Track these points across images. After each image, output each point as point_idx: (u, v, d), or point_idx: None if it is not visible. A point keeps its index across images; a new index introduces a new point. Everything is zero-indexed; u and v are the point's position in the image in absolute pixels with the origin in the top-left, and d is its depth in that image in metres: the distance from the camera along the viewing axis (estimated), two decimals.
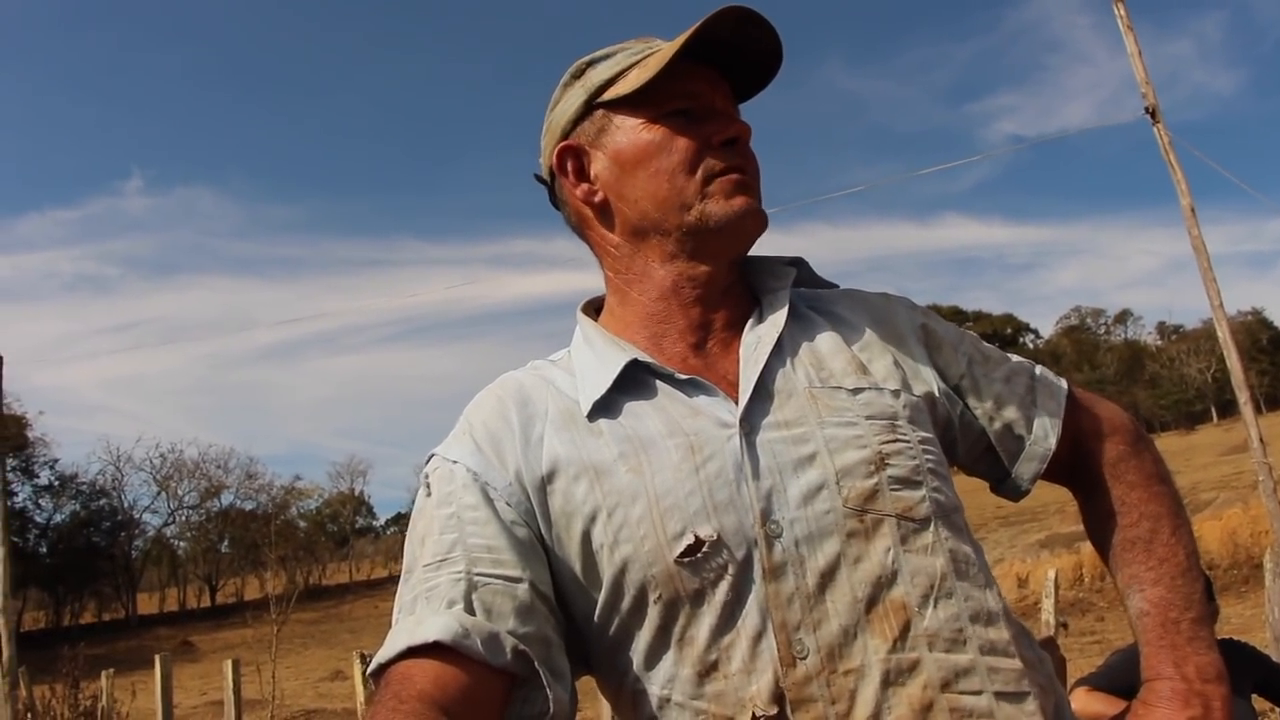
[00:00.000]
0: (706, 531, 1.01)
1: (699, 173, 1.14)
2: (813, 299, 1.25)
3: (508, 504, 1.06)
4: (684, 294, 1.16)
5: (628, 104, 1.17)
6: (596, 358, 1.15)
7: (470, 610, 0.98)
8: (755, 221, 1.16)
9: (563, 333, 1.26)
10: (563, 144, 1.21)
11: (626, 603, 1.04)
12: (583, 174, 1.20)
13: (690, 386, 1.11)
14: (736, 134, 1.16)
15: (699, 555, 1.01)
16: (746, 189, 1.15)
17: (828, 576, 1.00)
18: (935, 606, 1.01)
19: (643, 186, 1.16)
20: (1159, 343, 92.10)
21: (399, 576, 1.08)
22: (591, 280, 1.26)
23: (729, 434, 1.06)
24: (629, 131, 1.17)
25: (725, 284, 1.18)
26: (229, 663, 10.30)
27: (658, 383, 1.12)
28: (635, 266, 1.19)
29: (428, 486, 1.11)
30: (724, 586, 1.01)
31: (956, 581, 1.03)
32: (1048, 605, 9.89)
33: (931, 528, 1.05)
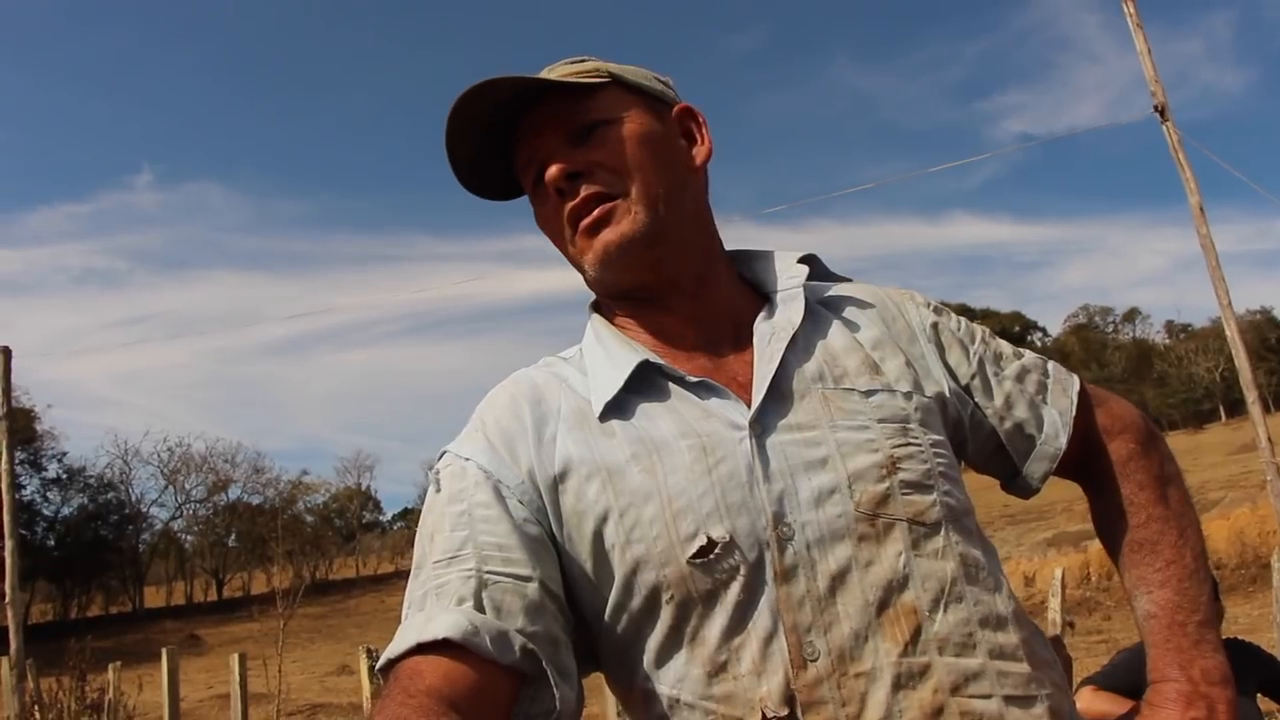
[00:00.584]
0: (719, 533, 1.01)
1: (565, 235, 1.16)
2: (825, 294, 1.25)
3: (520, 502, 1.06)
4: (655, 307, 1.18)
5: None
6: (608, 357, 1.15)
7: (480, 608, 0.98)
8: (620, 246, 1.12)
9: (572, 329, 1.27)
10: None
11: (638, 602, 1.04)
12: None
13: (702, 388, 1.10)
14: (550, 186, 1.13)
15: (711, 556, 1.01)
16: (595, 228, 1.13)
17: (839, 580, 1.00)
18: (946, 611, 1.01)
19: (567, 258, 1.21)
20: (1167, 341, 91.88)
21: (405, 572, 1.09)
22: None
23: (740, 436, 1.06)
24: (537, 222, 1.21)
25: (691, 277, 1.17)
26: (235, 656, 10.31)
27: (670, 384, 1.12)
28: (612, 305, 1.23)
29: (438, 483, 1.11)
30: (736, 587, 1.01)
31: (967, 586, 1.03)
32: (1054, 604, 9.88)
33: (942, 532, 1.05)
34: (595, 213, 1.12)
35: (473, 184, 1.20)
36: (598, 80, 1.16)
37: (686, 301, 1.17)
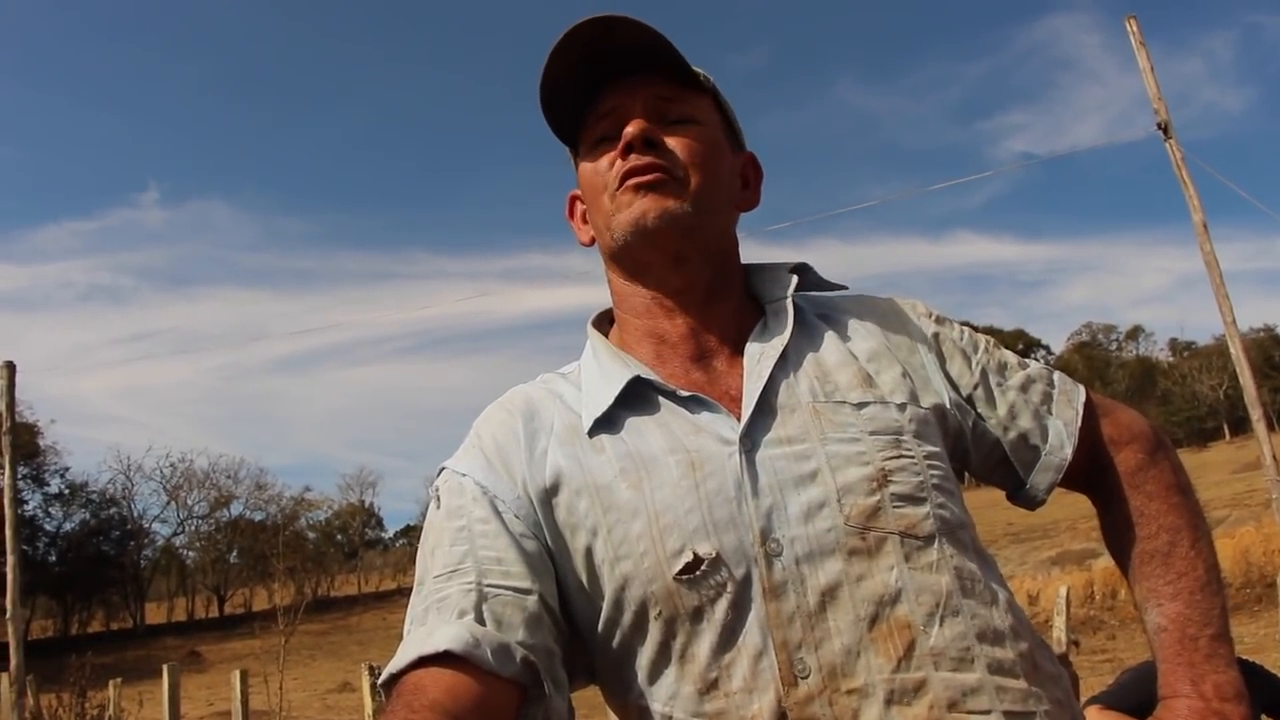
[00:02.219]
0: (706, 549, 1.01)
1: (607, 190, 1.16)
2: (822, 305, 1.24)
3: (516, 516, 1.07)
4: (661, 308, 1.17)
5: (580, 141, 1.22)
6: (601, 373, 1.16)
7: (481, 620, 0.99)
8: (659, 217, 1.12)
9: (574, 347, 1.27)
10: (572, 193, 1.28)
11: (628, 618, 1.04)
12: (585, 215, 1.25)
13: (693, 403, 1.10)
14: (627, 139, 1.14)
15: (698, 573, 1.01)
16: (645, 188, 1.13)
17: (829, 595, 0.99)
18: (941, 625, 1.00)
19: (592, 217, 1.21)
20: (1171, 359, 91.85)
21: (408, 589, 1.09)
22: (602, 295, 1.28)
23: (729, 451, 1.05)
24: (580, 172, 1.23)
25: (701, 289, 1.17)
26: (236, 673, 10.29)
27: (661, 399, 1.12)
28: (617, 288, 1.22)
29: (438, 499, 1.12)
30: (723, 604, 1.00)
31: (963, 599, 1.02)
32: (1059, 622, 9.85)
33: (936, 544, 1.04)
34: (652, 176, 1.13)
35: (549, 106, 1.19)
36: (707, 85, 1.20)
37: (691, 310, 1.17)
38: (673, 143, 1.15)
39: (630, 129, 1.14)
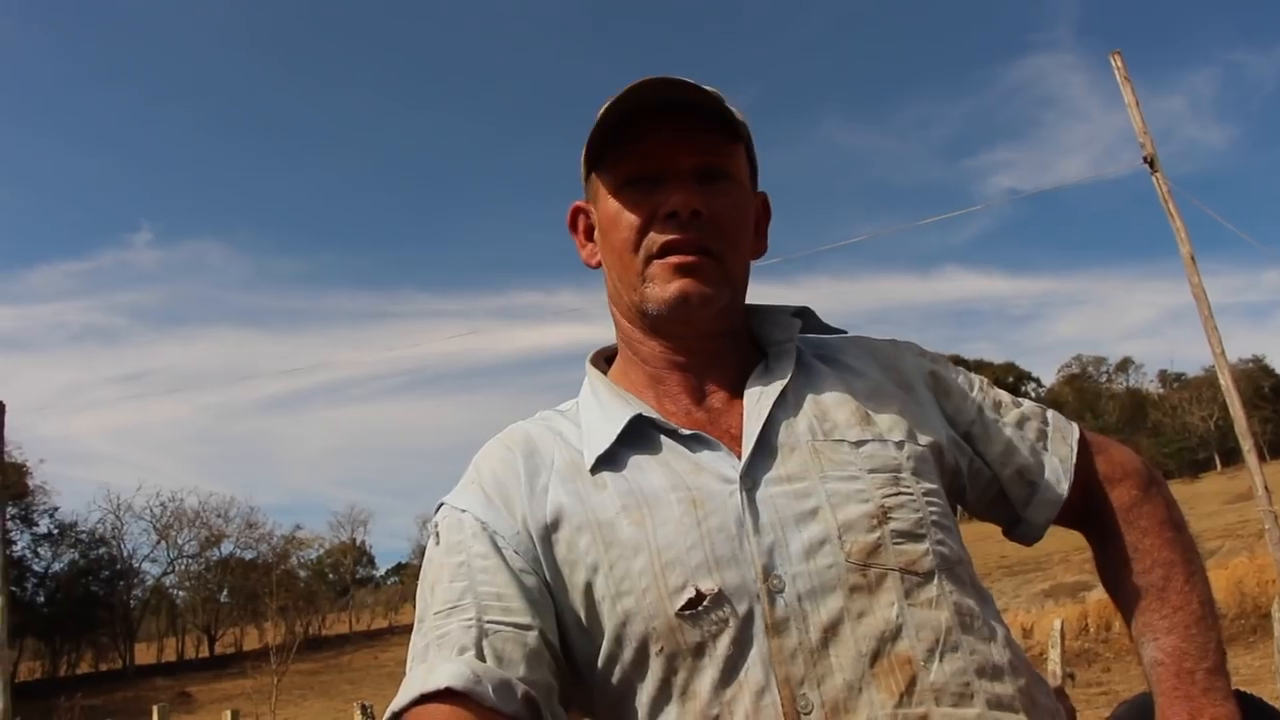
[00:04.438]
0: (708, 585, 1.01)
1: (640, 252, 1.15)
2: (820, 347, 1.25)
3: (516, 552, 1.07)
4: (671, 360, 1.18)
5: (604, 168, 1.19)
6: (602, 411, 1.16)
7: (481, 656, 0.99)
8: (700, 303, 1.13)
9: (566, 385, 1.28)
10: (575, 204, 1.26)
11: (628, 654, 1.04)
12: (590, 233, 1.24)
13: (694, 441, 1.11)
14: (675, 209, 1.12)
15: (700, 609, 1.01)
16: (687, 271, 1.13)
17: (831, 631, 1.00)
18: (941, 660, 1.00)
19: (610, 258, 1.20)
20: (1161, 391, 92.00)
21: (400, 627, 1.09)
22: (594, 333, 1.28)
23: (731, 489, 1.06)
24: (602, 200, 1.20)
25: (712, 349, 1.18)
26: (228, 713, 10.20)
27: (662, 437, 1.12)
28: (625, 328, 1.22)
29: (437, 535, 1.12)
30: (725, 640, 1.00)
31: (962, 635, 1.03)
32: (1054, 655, 9.82)
33: (935, 581, 1.04)
34: (695, 259, 1.13)
35: (594, 148, 1.18)
36: (745, 134, 1.19)
37: (700, 358, 1.18)
38: (716, 207, 1.14)
39: (679, 199, 1.12)
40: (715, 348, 1.18)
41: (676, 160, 1.14)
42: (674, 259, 1.13)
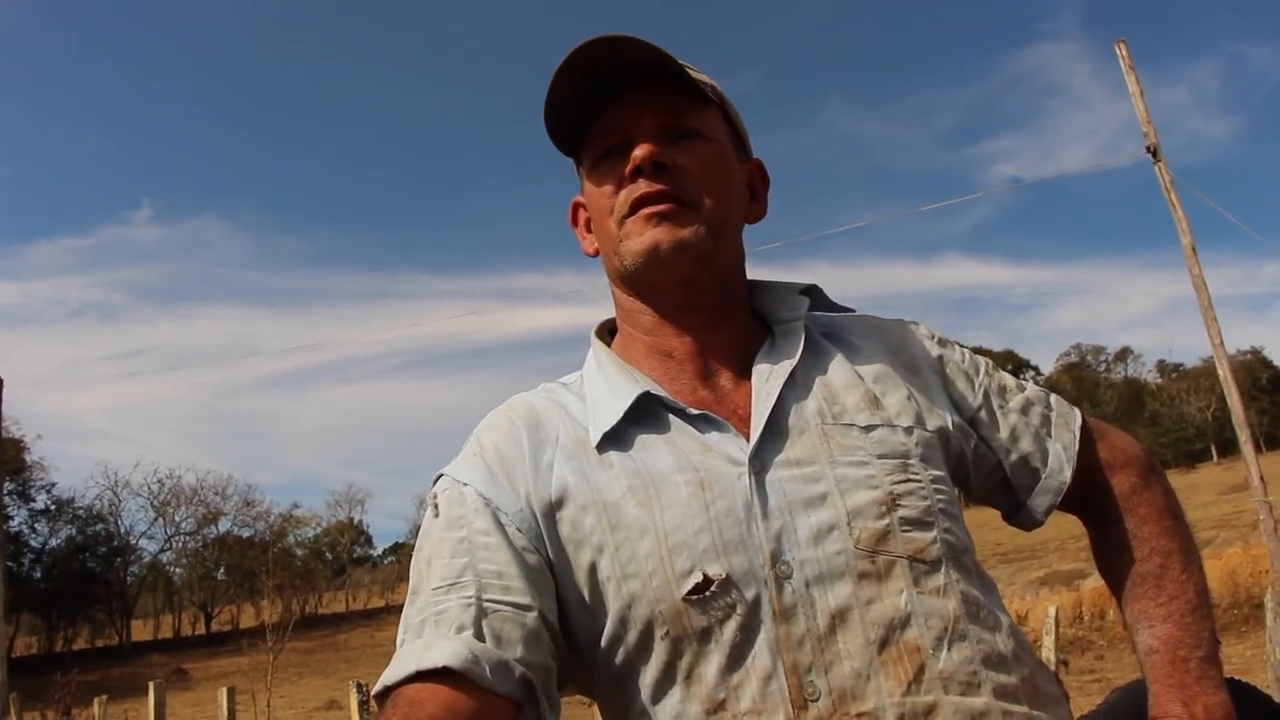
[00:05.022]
0: (715, 570, 1.01)
1: (614, 214, 1.15)
2: (828, 325, 1.25)
3: (518, 530, 1.06)
4: (668, 325, 1.17)
5: (583, 155, 1.20)
6: (608, 386, 1.15)
7: (480, 636, 0.98)
8: (673, 247, 1.11)
9: (566, 366, 1.27)
10: (575, 199, 1.27)
11: (633, 636, 1.03)
12: (589, 225, 1.24)
13: (702, 422, 1.10)
14: (635, 162, 1.12)
15: (707, 594, 1.00)
16: (660, 218, 1.12)
17: (839, 618, 0.99)
18: (949, 649, 1.00)
19: (597, 234, 1.21)
20: (1159, 381, 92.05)
21: (396, 606, 1.08)
22: (595, 315, 1.28)
23: (739, 472, 1.05)
24: (585, 185, 1.21)
25: (707, 303, 1.17)
26: (223, 691, 10.23)
27: (670, 416, 1.11)
28: (623, 303, 1.21)
29: (435, 507, 1.10)
30: (732, 626, 1.00)
31: (969, 624, 1.02)
32: (1048, 642, 9.84)
33: (943, 569, 1.04)
34: (664, 206, 1.12)
35: (553, 123, 1.17)
36: (714, 96, 1.18)
37: (699, 328, 1.17)
38: (681, 161, 1.13)
39: (639, 152, 1.12)
40: (709, 302, 1.17)
41: (639, 124, 1.14)
42: (644, 210, 1.12)
